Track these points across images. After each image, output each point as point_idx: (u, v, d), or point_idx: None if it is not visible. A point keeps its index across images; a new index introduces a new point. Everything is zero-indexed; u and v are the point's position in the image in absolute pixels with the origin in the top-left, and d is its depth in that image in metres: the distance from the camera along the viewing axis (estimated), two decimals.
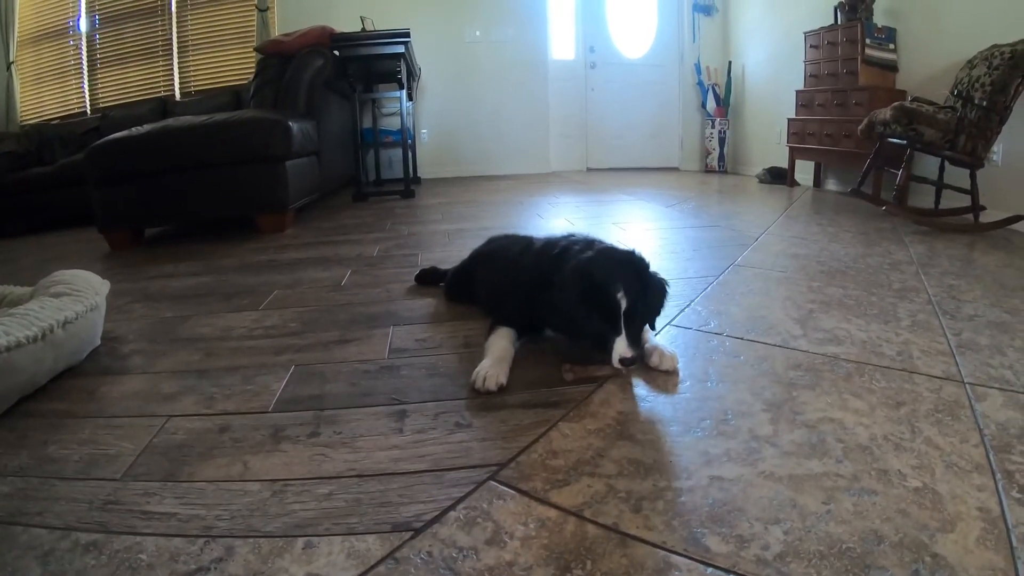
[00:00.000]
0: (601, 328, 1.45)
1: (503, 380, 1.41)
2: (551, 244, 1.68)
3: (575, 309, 1.47)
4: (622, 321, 1.42)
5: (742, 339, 1.69)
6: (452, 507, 0.99)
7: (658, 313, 1.59)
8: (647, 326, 1.60)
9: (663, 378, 1.46)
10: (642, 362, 1.53)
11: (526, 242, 1.85)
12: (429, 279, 2.36)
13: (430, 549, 0.90)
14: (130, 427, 1.33)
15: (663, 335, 1.75)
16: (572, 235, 1.68)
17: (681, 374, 1.48)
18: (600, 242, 1.61)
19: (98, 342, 1.83)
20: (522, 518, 0.96)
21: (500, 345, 1.53)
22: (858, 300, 2.02)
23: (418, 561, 0.87)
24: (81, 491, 1.09)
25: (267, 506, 1.01)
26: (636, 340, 1.46)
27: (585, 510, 0.97)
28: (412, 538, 0.92)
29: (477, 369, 1.44)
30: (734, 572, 0.83)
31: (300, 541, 0.92)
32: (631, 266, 1.52)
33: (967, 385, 1.39)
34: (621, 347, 1.41)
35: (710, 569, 0.84)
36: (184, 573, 0.87)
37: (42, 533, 0.97)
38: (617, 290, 1.41)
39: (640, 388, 1.42)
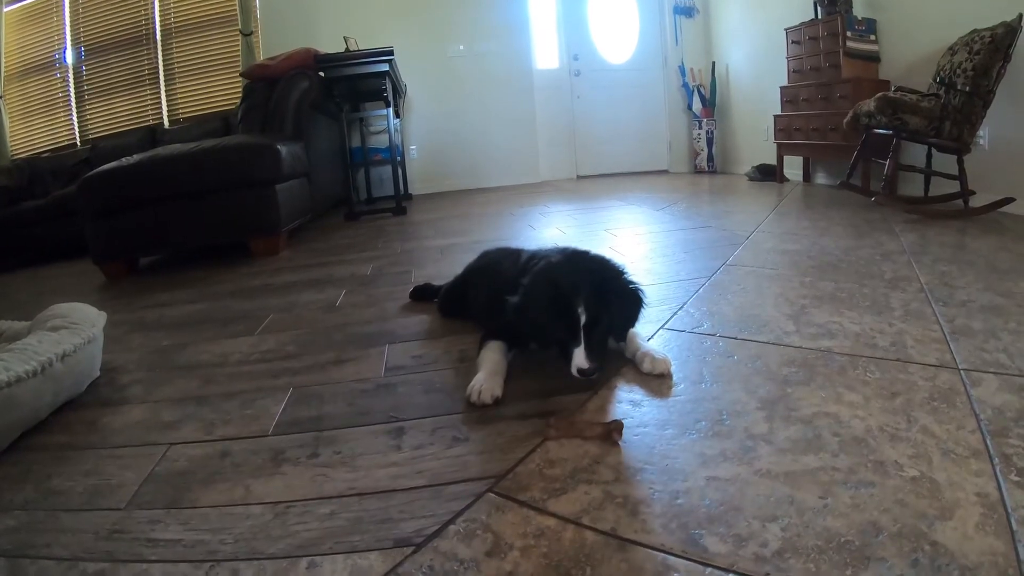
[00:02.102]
0: (562, 337, 1.46)
1: (498, 393, 1.42)
2: (533, 256, 1.69)
3: (537, 318, 1.48)
4: (582, 332, 1.42)
5: (735, 338, 1.70)
6: (452, 520, 1.00)
7: (631, 324, 1.59)
8: (637, 333, 1.62)
9: (657, 382, 1.47)
10: (630, 364, 1.55)
11: (516, 255, 1.85)
12: (423, 295, 2.35)
13: (431, 563, 0.90)
14: (132, 456, 1.33)
15: (656, 339, 1.75)
16: (557, 247, 1.69)
17: (675, 377, 1.49)
18: (576, 251, 1.62)
19: (97, 373, 1.83)
20: (521, 528, 0.96)
21: (492, 358, 1.53)
22: (850, 293, 2.03)
23: (420, 575, 0.88)
24: (87, 522, 1.09)
25: (270, 528, 1.02)
26: (598, 351, 1.45)
27: (583, 517, 0.97)
28: (413, 553, 0.93)
29: (472, 383, 1.44)
30: (733, 571, 0.83)
31: (304, 561, 0.93)
32: (597, 275, 1.52)
33: (962, 371, 1.39)
34: (579, 359, 1.41)
35: (709, 569, 0.84)
36: None
37: (50, 565, 0.98)
38: (578, 302, 1.42)
39: (635, 393, 1.42)
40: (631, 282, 1.56)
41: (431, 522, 1.00)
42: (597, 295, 1.45)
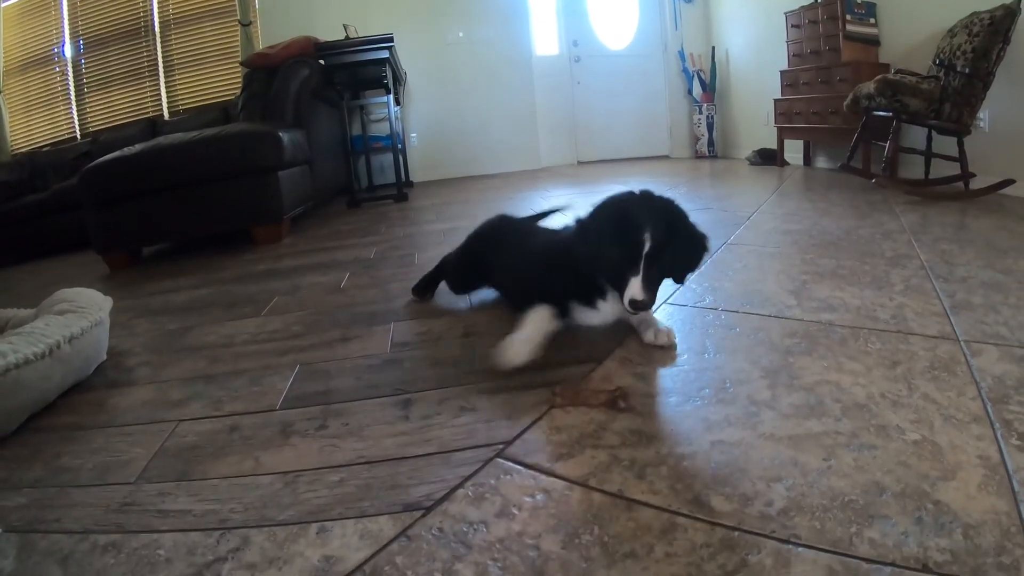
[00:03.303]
0: (621, 264, 1.42)
1: (524, 356, 1.40)
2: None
3: (601, 239, 1.45)
4: (643, 262, 1.40)
5: (737, 312, 1.71)
6: (460, 485, 1.01)
7: (693, 267, 1.56)
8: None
9: (661, 353, 1.48)
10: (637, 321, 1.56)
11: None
12: (428, 285, 2.20)
13: (441, 525, 0.92)
14: (141, 434, 1.34)
15: (659, 313, 1.76)
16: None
17: (679, 348, 1.50)
18: (644, 190, 1.57)
19: (104, 357, 1.84)
20: (529, 491, 0.98)
21: (535, 319, 1.50)
22: (851, 269, 2.03)
23: (430, 537, 0.89)
24: (97, 496, 1.10)
25: (280, 496, 1.03)
26: (653, 286, 1.43)
27: (590, 479, 0.99)
28: (423, 516, 0.94)
29: (504, 344, 1.42)
30: (739, 529, 0.85)
31: (314, 526, 0.94)
32: (665, 211, 1.48)
33: (962, 342, 1.40)
34: (635, 288, 1.39)
35: (715, 527, 0.85)
36: (202, 564, 0.89)
37: (61, 538, 0.99)
38: (645, 228, 1.40)
39: (639, 363, 1.43)
40: (695, 226, 1.53)
41: (440, 487, 1.01)
42: (665, 228, 1.42)
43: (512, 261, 1.83)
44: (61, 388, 1.59)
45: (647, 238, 1.39)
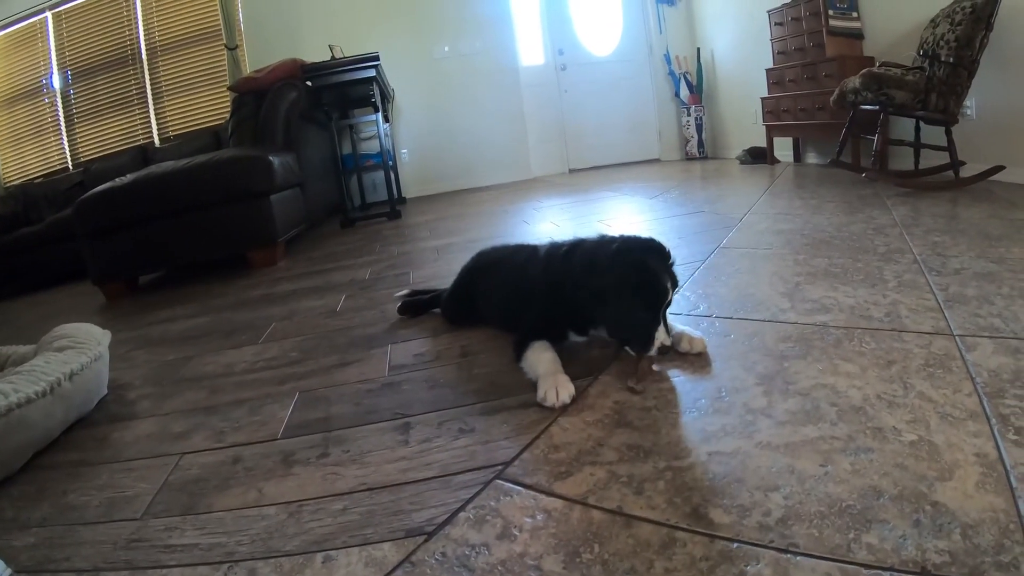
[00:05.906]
0: (645, 319, 1.42)
1: (572, 389, 1.37)
2: (552, 249, 1.67)
3: (627, 302, 1.42)
4: (661, 312, 1.43)
5: (731, 318, 1.72)
6: (462, 508, 1.02)
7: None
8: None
9: (656, 366, 1.48)
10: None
11: (530, 250, 1.80)
12: (416, 309, 2.22)
13: (444, 550, 0.92)
14: (145, 468, 1.35)
15: None
16: (559, 241, 1.69)
17: (673, 358, 1.51)
18: (607, 237, 1.59)
19: (105, 391, 1.85)
20: (529, 511, 0.99)
21: (548, 357, 1.48)
22: (844, 268, 2.04)
23: (433, 562, 0.90)
24: (104, 533, 1.11)
25: (285, 527, 1.04)
26: (666, 326, 1.46)
27: (589, 497, 1.00)
28: (426, 541, 0.95)
29: (541, 388, 1.37)
30: (738, 540, 0.85)
31: (319, 556, 0.95)
32: (665, 256, 1.51)
33: (957, 337, 1.41)
34: (662, 335, 1.41)
35: (714, 540, 0.86)
36: None
37: None
38: (665, 280, 1.43)
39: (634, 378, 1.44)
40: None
41: (441, 511, 1.02)
42: (671, 275, 1.47)
43: (502, 300, 1.85)
44: (64, 424, 1.60)
45: (669, 291, 1.44)
